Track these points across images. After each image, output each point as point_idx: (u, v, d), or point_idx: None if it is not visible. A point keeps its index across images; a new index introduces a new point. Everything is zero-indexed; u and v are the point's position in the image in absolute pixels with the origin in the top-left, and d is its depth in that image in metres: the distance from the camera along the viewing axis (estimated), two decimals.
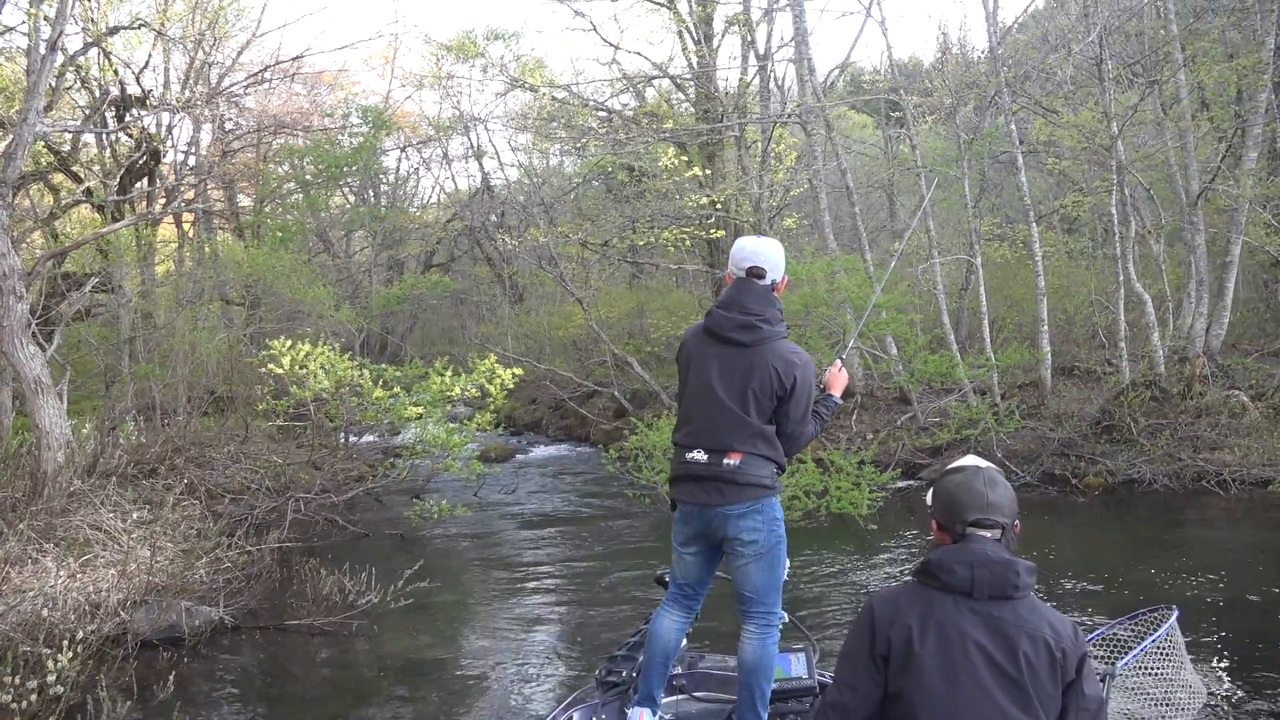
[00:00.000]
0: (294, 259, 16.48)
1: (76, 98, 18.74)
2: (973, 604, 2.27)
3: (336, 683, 6.39)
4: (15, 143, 9.85)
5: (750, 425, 3.48)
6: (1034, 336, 13.43)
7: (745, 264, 3.60)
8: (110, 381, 12.74)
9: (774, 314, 3.56)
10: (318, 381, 10.80)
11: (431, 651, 6.78)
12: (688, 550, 3.67)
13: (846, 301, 12.83)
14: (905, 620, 2.30)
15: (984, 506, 2.38)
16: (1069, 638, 2.28)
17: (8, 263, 9.90)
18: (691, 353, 3.67)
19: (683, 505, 3.61)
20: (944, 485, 2.49)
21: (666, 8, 19.45)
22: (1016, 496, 2.49)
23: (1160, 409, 11.49)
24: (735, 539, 3.50)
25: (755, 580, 3.55)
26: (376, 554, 9.48)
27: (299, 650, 6.96)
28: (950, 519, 2.41)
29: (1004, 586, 2.27)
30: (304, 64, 23.26)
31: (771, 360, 3.49)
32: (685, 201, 17.26)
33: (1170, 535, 9.27)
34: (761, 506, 3.49)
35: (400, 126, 28.99)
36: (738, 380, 3.50)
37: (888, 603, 2.38)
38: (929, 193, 12.65)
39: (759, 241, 3.68)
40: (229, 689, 6.22)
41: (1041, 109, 17.44)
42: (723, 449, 3.47)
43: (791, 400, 3.50)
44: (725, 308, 3.58)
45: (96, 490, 9.78)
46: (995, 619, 2.25)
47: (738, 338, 3.52)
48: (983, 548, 2.33)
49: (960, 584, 2.27)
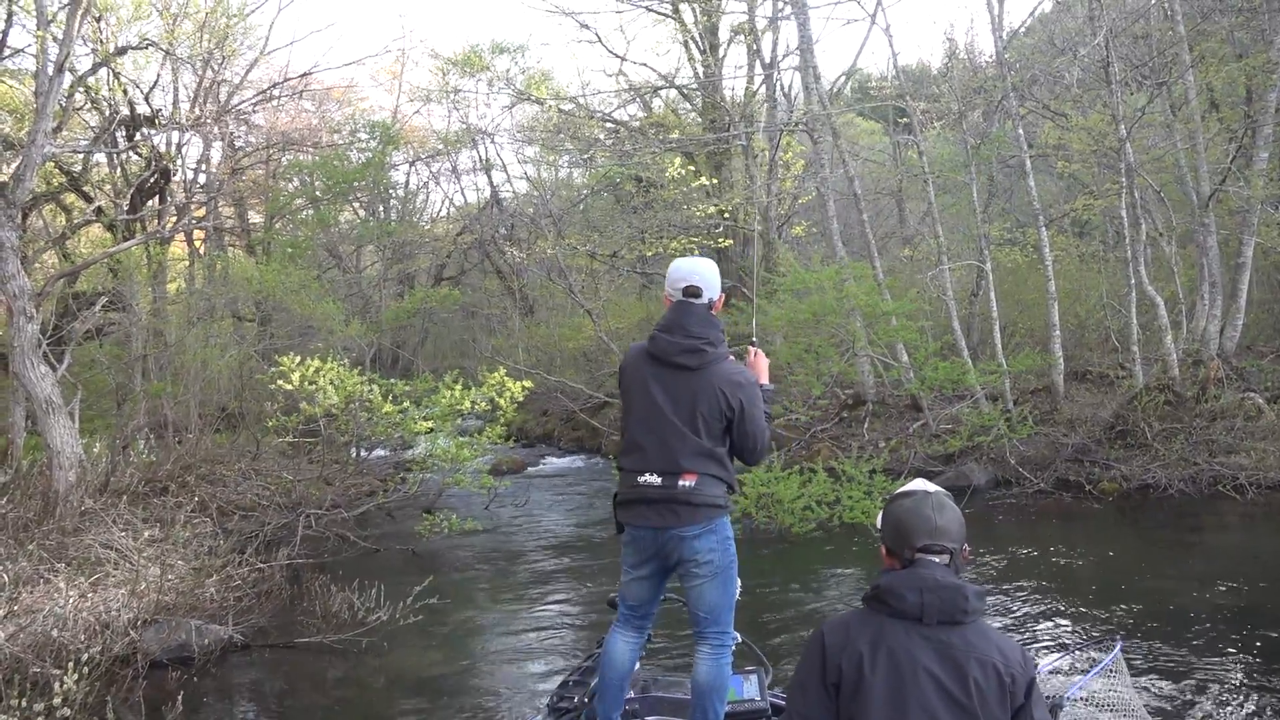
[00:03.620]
0: (303, 275, 16.48)
1: (88, 118, 18.86)
2: (923, 630, 2.25)
3: (346, 701, 6.36)
4: (24, 164, 9.91)
5: (702, 447, 3.51)
6: (1046, 341, 13.33)
7: (681, 284, 3.64)
8: (122, 400, 12.79)
9: (716, 335, 3.60)
10: (327, 397, 10.80)
11: (441, 669, 6.75)
12: (639, 573, 3.70)
13: (856, 309, 12.77)
14: (856, 647, 2.27)
15: (932, 531, 2.37)
16: (1018, 663, 2.26)
17: (17, 283, 9.95)
18: (635, 377, 3.68)
19: (633, 528, 3.62)
20: (892, 510, 2.48)
21: (671, 18, 19.49)
22: (963, 519, 2.49)
23: (1175, 413, 11.39)
24: (691, 560, 3.53)
25: (710, 600, 3.58)
26: (388, 569, 9.46)
27: (309, 668, 6.93)
28: (899, 544, 2.40)
29: (953, 611, 2.25)
30: (312, 81, 23.41)
31: (718, 383, 3.53)
32: (692, 211, 17.24)
33: (1187, 541, 9.18)
34: (715, 527, 3.52)
35: (409, 141, 29.12)
36: (686, 403, 3.53)
37: (838, 629, 2.35)
38: (934, 199, 12.61)
39: (693, 261, 3.73)
40: (238, 709, 6.20)
41: (1051, 113, 17.38)
42: (676, 471, 3.50)
43: (744, 420, 3.55)
44: (668, 331, 3.61)
45: (108, 509, 9.79)
46: (945, 644, 2.23)
47: (684, 362, 3.55)
48: (931, 573, 2.31)
49: (910, 609, 2.26)
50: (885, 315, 12.75)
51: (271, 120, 24.68)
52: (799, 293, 13.03)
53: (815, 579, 8.91)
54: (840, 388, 15.59)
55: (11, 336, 10.12)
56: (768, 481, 10.36)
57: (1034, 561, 8.53)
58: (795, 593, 8.24)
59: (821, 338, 13.06)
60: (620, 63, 20.32)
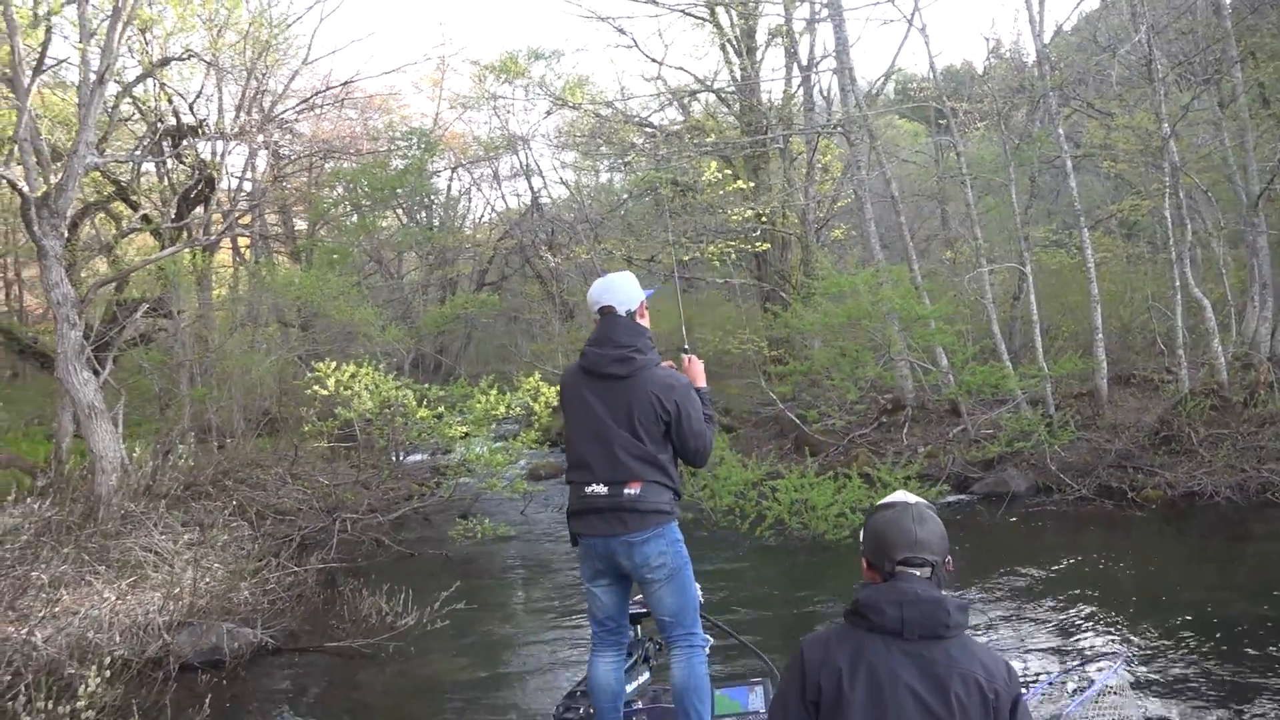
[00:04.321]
0: (341, 281, 16.66)
1: (136, 128, 19.23)
2: (903, 644, 2.20)
3: (370, 706, 6.39)
4: (67, 175, 10.08)
5: (645, 454, 3.61)
6: (1089, 345, 13.07)
7: (595, 307, 3.83)
8: (165, 405, 12.99)
9: (644, 343, 3.71)
10: (361, 402, 10.88)
11: (466, 675, 6.75)
12: (598, 585, 3.78)
13: (892, 313, 12.60)
14: (835, 663, 2.23)
15: (912, 544, 2.32)
16: (1002, 678, 2.20)
17: (61, 291, 10.13)
18: (572, 393, 3.80)
19: (585, 539, 3.71)
20: (873, 523, 2.44)
21: (709, 21, 19.43)
22: (944, 532, 2.42)
23: (1222, 418, 11.08)
24: (643, 566, 3.63)
25: (669, 604, 3.70)
26: (421, 574, 9.50)
27: (337, 672, 6.97)
28: (879, 557, 2.36)
29: (934, 626, 2.20)
30: (354, 89, 23.67)
31: (651, 389, 3.64)
32: (730, 215, 17.16)
33: (1234, 550, 8.92)
34: (663, 531, 3.62)
35: (450, 147, 29.34)
36: (623, 412, 3.63)
37: (817, 645, 2.31)
38: (972, 200, 12.44)
39: (604, 282, 3.86)
40: (263, 713, 6.24)
41: (1096, 111, 17.06)
42: (622, 480, 3.60)
43: (682, 422, 3.65)
44: (598, 345, 3.74)
45: (149, 512, 9.94)
46: (926, 659, 2.18)
47: (615, 371, 3.66)
48: (912, 586, 2.26)
49: (890, 624, 2.21)
50: (922, 319, 12.55)
51: (316, 128, 25.01)
52: (835, 297, 12.90)
53: (849, 589, 8.79)
54: (879, 392, 15.42)
55: (56, 343, 10.31)
56: (802, 488, 10.26)
57: (1073, 570, 8.34)
58: (829, 605, 8.14)
59: (856, 342, 12.91)
60: (659, 67, 20.34)
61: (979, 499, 11.47)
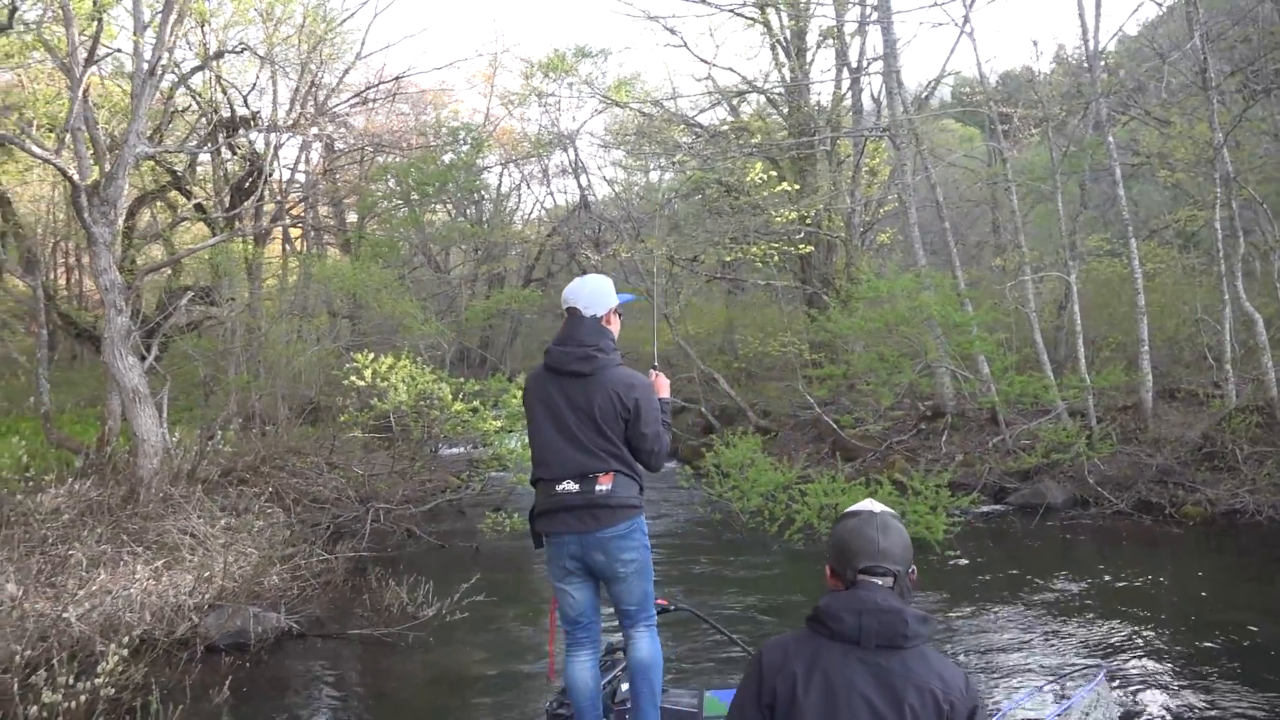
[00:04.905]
0: (385, 274, 16.85)
1: (192, 119, 19.62)
2: (861, 653, 2.21)
3: (386, 694, 6.47)
4: (117, 164, 10.32)
5: (610, 449, 3.71)
6: (1135, 357, 12.81)
7: (564, 305, 3.93)
8: (209, 392, 13.24)
9: (607, 343, 3.82)
10: (397, 394, 11.01)
11: (482, 668, 6.80)
12: (570, 584, 3.83)
13: (933, 320, 12.45)
14: (791, 668, 2.25)
15: (875, 553, 2.33)
16: (959, 690, 2.20)
17: (109, 277, 10.36)
18: (537, 393, 3.87)
19: (555, 537, 3.76)
20: (837, 531, 2.45)
21: (759, 21, 19.33)
22: (909, 542, 2.43)
23: (1269, 435, 10.80)
24: (615, 560, 3.70)
25: (638, 593, 3.81)
26: (449, 565, 9.60)
27: (357, 660, 7.07)
28: (842, 565, 2.37)
29: (892, 636, 2.21)
30: (407, 84, 23.93)
31: (612, 386, 3.73)
32: (774, 216, 17.07)
33: (1273, 571, 8.71)
34: (634, 525, 3.73)
35: (501, 144, 29.55)
36: (586, 408, 3.72)
37: (776, 649, 2.33)
38: (1017, 207, 12.26)
39: (577, 284, 3.98)
40: (283, 697, 6.34)
41: (1155, 120, 16.70)
42: (592, 475, 3.68)
43: (640, 420, 3.73)
44: (562, 344, 3.84)
45: (189, 496, 10.15)
46: (883, 669, 2.19)
47: (578, 369, 3.75)
48: (873, 595, 2.27)
49: (848, 632, 2.22)
50: (961, 326, 12.39)
51: (368, 122, 25.32)
52: (873, 302, 12.79)
53: None
54: (919, 399, 15.25)
55: (103, 328, 10.56)
56: (831, 492, 10.20)
57: (1101, 585, 8.20)
58: None
59: (893, 347, 12.78)
60: (709, 67, 20.27)
61: (1014, 509, 11.31)
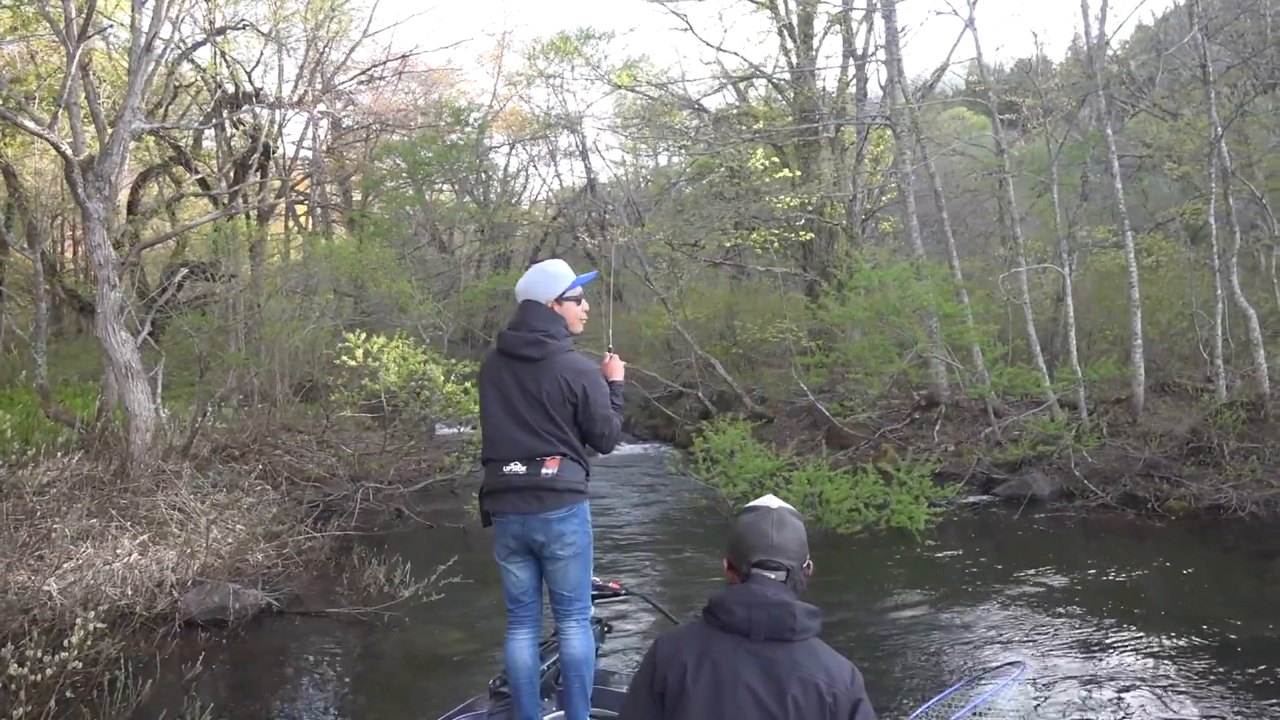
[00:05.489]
0: (381, 253, 16.88)
1: (198, 95, 19.66)
2: (750, 645, 2.26)
3: (357, 673, 6.56)
4: (113, 139, 10.37)
5: (557, 433, 3.77)
6: (1129, 350, 12.80)
7: (518, 298, 4.00)
8: (204, 369, 13.30)
9: (558, 330, 3.87)
10: (388, 374, 11.08)
11: (455, 648, 6.89)
12: (513, 563, 3.90)
13: (922, 309, 12.42)
14: (682, 658, 2.31)
15: (768, 548, 2.38)
16: (844, 683, 2.25)
17: (103, 253, 10.43)
18: (489, 375, 3.95)
19: (500, 517, 3.84)
20: (736, 525, 2.50)
21: (766, 7, 19.25)
22: (804, 538, 2.46)
23: (1257, 431, 10.78)
24: (555, 542, 3.76)
25: (574, 579, 3.85)
26: (436, 546, 9.66)
27: (332, 638, 7.15)
28: (737, 559, 2.42)
29: (780, 629, 2.26)
30: (414, 62, 23.91)
31: (560, 371, 3.78)
32: (775, 203, 17.05)
33: (1252, 567, 8.72)
34: (577, 510, 3.79)
35: (508, 125, 29.52)
36: (534, 392, 3.78)
37: (670, 640, 2.40)
38: (1014, 198, 12.22)
39: (532, 272, 4.05)
40: (254, 674, 6.44)
41: (1163, 111, 16.58)
42: (539, 458, 3.75)
43: (588, 405, 3.79)
44: (515, 328, 3.91)
45: (180, 472, 10.23)
46: (769, 661, 2.24)
47: (527, 353, 3.81)
48: (764, 589, 2.32)
49: (738, 624, 2.28)
50: (952, 316, 12.38)
51: (379, 100, 25.33)
52: (869, 290, 12.77)
53: (861, 588, 8.79)
54: (915, 389, 15.26)
55: (96, 303, 10.63)
56: (816, 480, 10.23)
57: (1074, 578, 8.22)
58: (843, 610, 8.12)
59: (885, 336, 12.78)
60: (716, 51, 20.16)
61: (1000, 500, 11.33)
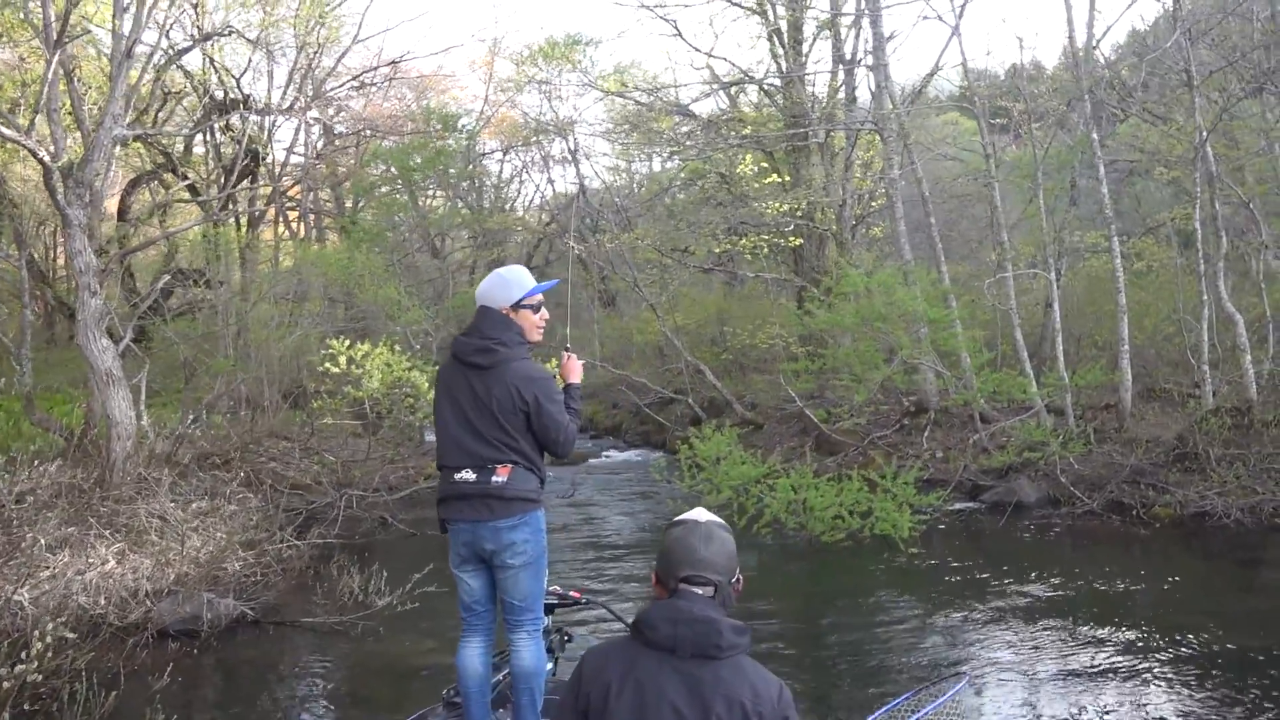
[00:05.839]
0: (371, 260, 16.82)
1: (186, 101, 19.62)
2: (675, 662, 2.21)
3: (328, 682, 6.49)
4: (93, 146, 10.32)
5: (508, 441, 3.75)
6: (1116, 356, 12.76)
7: (477, 302, 3.97)
8: (190, 375, 13.26)
9: (511, 337, 3.84)
10: (371, 381, 11.03)
11: (429, 658, 6.81)
12: (465, 571, 3.89)
13: (906, 316, 12.37)
14: (606, 676, 2.26)
15: (695, 563, 2.33)
16: (770, 701, 2.20)
17: (83, 259, 10.36)
18: (443, 381, 3.94)
19: (452, 524, 3.83)
20: (665, 539, 2.46)
21: (755, 12, 19.23)
22: (734, 551, 2.42)
23: (1243, 438, 10.73)
24: (506, 551, 3.73)
25: (525, 588, 3.81)
26: (417, 554, 9.57)
27: (305, 648, 7.09)
28: (665, 574, 2.38)
29: (706, 646, 2.21)
30: (406, 68, 23.85)
31: (511, 379, 3.76)
32: (764, 209, 17.01)
33: (1236, 576, 8.66)
34: (528, 519, 3.76)
35: (500, 130, 29.50)
36: (484, 400, 3.76)
37: (596, 656, 2.36)
38: (999, 203, 12.19)
39: (491, 277, 4.02)
40: (222, 684, 6.38)
41: (1153, 116, 16.56)
42: (490, 465, 3.72)
43: (541, 413, 3.76)
44: (467, 335, 3.91)
45: (162, 480, 10.16)
46: (695, 679, 2.19)
47: (478, 360, 3.80)
48: (690, 605, 2.27)
49: (663, 641, 2.23)
50: (938, 322, 12.34)
51: (367, 106, 25.27)
52: (850, 297, 12.73)
53: (843, 600, 8.74)
54: (904, 395, 15.21)
55: (77, 309, 10.57)
56: (800, 487, 10.17)
57: (1060, 588, 8.16)
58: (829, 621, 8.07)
59: (870, 343, 12.74)
60: (707, 57, 20.11)
61: (987, 507, 11.28)
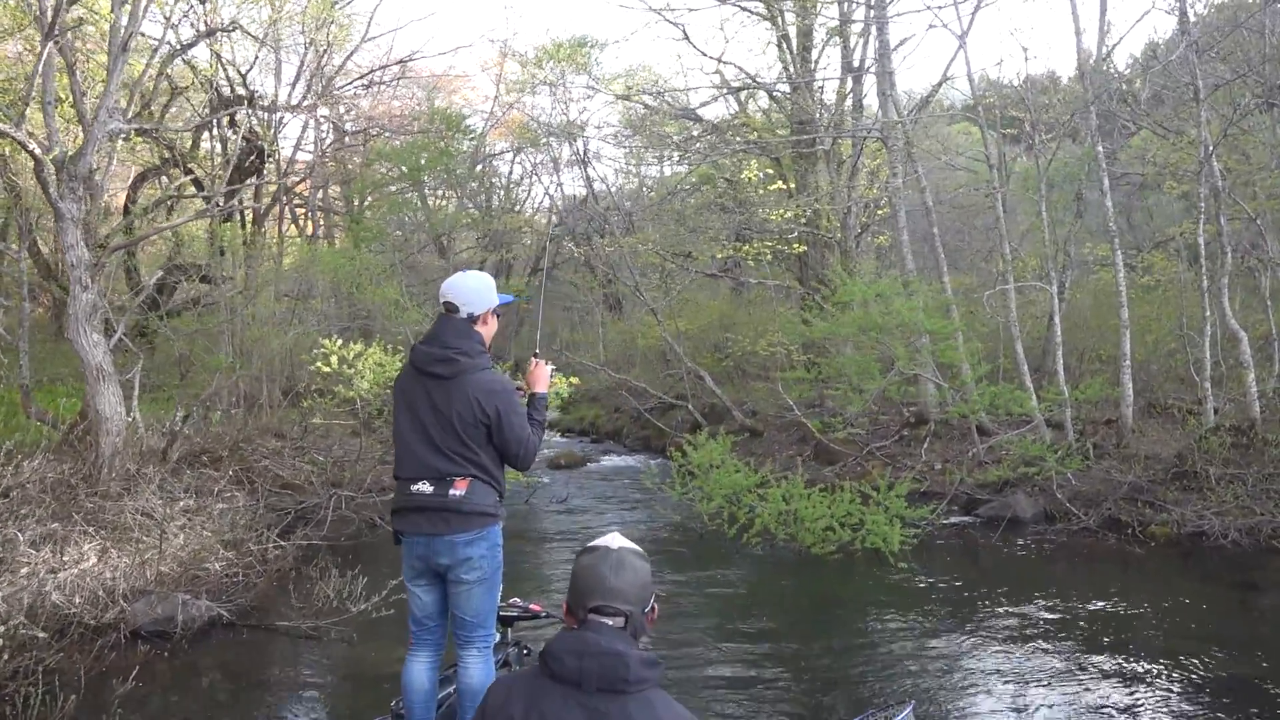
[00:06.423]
0: (371, 259, 16.78)
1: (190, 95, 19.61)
2: (581, 697, 2.11)
3: (290, 689, 6.39)
4: (87, 139, 10.29)
5: (467, 454, 3.64)
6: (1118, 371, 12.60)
7: (441, 299, 3.84)
8: (185, 371, 13.23)
9: (473, 347, 3.73)
10: (362, 381, 10.96)
11: (398, 666, 6.67)
12: (418, 584, 3.83)
13: (903, 326, 12.24)
14: (509, 710, 2.17)
15: (605, 592, 2.23)
16: None
17: (76, 254, 10.32)
18: (402, 389, 3.82)
19: (406, 537, 3.76)
20: (575, 566, 2.35)
21: (765, 18, 19.14)
22: (647, 580, 2.32)
23: (1244, 456, 10.56)
24: (461, 566, 3.65)
25: (477, 605, 3.73)
26: (400, 558, 9.48)
27: (277, 652, 7.01)
28: (574, 603, 2.28)
29: (613, 680, 2.11)
30: (415, 68, 23.86)
31: (472, 391, 3.65)
32: (768, 215, 16.91)
33: (1233, 599, 8.46)
34: (485, 534, 3.66)
35: (510, 131, 29.49)
36: (444, 411, 3.65)
37: (500, 690, 2.26)
38: (1003, 214, 12.06)
39: (457, 277, 3.89)
40: (187, 687, 6.27)
41: (1163, 129, 16.41)
42: (448, 478, 3.62)
43: (502, 427, 3.66)
44: (427, 343, 3.79)
45: (151, 477, 10.12)
46: (601, 715, 2.09)
47: (438, 371, 3.69)
48: (598, 637, 2.17)
49: (569, 674, 2.13)
50: (937, 333, 12.21)
51: (376, 104, 25.29)
52: (858, 305, 12.62)
53: (824, 614, 8.62)
54: (905, 405, 15.08)
55: (68, 304, 10.53)
56: (791, 497, 10.06)
57: (1048, 607, 8.00)
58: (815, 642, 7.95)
59: (868, 353, 12.62)
60: (717, 62, 20.05)
61: (982, 522, 11.12)
